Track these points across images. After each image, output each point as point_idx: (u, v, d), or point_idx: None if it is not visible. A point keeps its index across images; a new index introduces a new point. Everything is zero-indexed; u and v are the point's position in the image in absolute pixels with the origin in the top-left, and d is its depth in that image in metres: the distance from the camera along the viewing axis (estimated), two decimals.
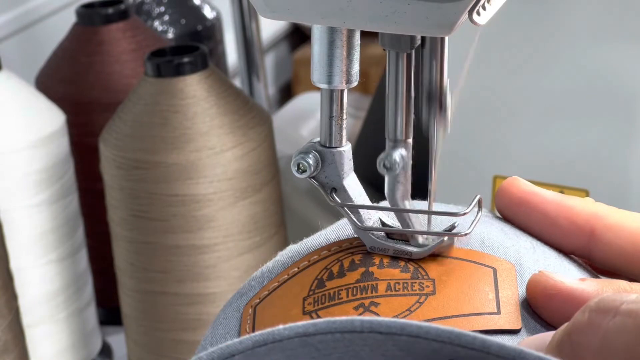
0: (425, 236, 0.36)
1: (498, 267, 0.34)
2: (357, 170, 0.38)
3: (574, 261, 0.36)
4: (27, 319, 0.81)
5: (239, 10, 1.11)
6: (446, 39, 0.35)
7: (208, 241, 0.79)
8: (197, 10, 1.11)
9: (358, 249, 0.36)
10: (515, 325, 0.32)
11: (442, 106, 0.35)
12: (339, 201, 0.36)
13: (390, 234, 0.36)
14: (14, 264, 0.78)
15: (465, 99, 0.78)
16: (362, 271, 0.35)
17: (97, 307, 0.91)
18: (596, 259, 0.35)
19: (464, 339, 0.25)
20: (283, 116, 1.25)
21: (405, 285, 0.34)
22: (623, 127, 0.74)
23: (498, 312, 0.33)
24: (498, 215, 0.38)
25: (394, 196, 0.36)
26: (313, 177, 0.37)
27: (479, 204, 0.36)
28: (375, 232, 0.36)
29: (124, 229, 0.81)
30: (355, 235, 0.37)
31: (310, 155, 0.36)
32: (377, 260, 0.35)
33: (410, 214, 0.36)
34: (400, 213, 0.36)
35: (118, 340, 0.93)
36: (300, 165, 0.36)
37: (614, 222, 0.35)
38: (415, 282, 0.34)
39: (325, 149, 0.37)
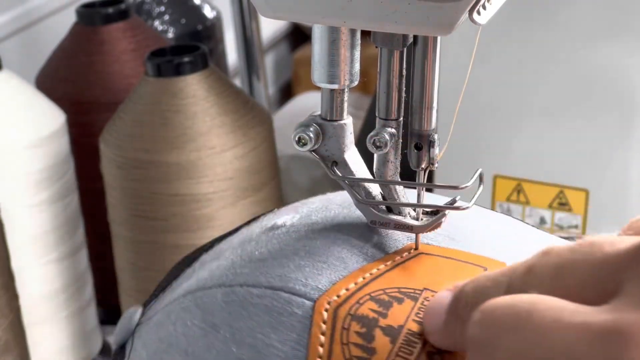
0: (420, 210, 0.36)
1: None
2: None
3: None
4: (27, 318, 0.81)
5: (239, 10, 1.10)
6: (438, 45, 0.35)
7: (208, 241, 0.79)
8: (197, 10, 1.11)
9: None
10: None
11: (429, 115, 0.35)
12: (340, 175, 0.36)
13: (391, 208, 0.36)
14: (15, 264, 0.78)
15: (465, 99, 0.78)
16: None
17: (97, 307, 0.91)
18: None
19: None
20: (283, 116, 1.25)
21: None
22: (623, 127, 0.74)
23: None
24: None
25: (383, 175, 0.36)
26: (314, 151, 0.36)
27: (480, 178, 0.36)
28: (376, 206, 0.36)
29: (125, 229, 0.81)
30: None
31: (311, 129, 0.36)
32: None
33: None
34: (392, 188, 0.36)
35: None
36: (301, 138, 0.36)
37: None
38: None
39: (326, 122, 0.36)
